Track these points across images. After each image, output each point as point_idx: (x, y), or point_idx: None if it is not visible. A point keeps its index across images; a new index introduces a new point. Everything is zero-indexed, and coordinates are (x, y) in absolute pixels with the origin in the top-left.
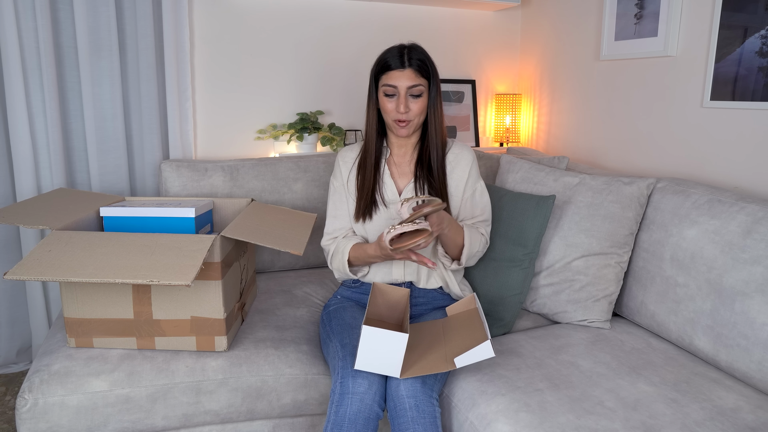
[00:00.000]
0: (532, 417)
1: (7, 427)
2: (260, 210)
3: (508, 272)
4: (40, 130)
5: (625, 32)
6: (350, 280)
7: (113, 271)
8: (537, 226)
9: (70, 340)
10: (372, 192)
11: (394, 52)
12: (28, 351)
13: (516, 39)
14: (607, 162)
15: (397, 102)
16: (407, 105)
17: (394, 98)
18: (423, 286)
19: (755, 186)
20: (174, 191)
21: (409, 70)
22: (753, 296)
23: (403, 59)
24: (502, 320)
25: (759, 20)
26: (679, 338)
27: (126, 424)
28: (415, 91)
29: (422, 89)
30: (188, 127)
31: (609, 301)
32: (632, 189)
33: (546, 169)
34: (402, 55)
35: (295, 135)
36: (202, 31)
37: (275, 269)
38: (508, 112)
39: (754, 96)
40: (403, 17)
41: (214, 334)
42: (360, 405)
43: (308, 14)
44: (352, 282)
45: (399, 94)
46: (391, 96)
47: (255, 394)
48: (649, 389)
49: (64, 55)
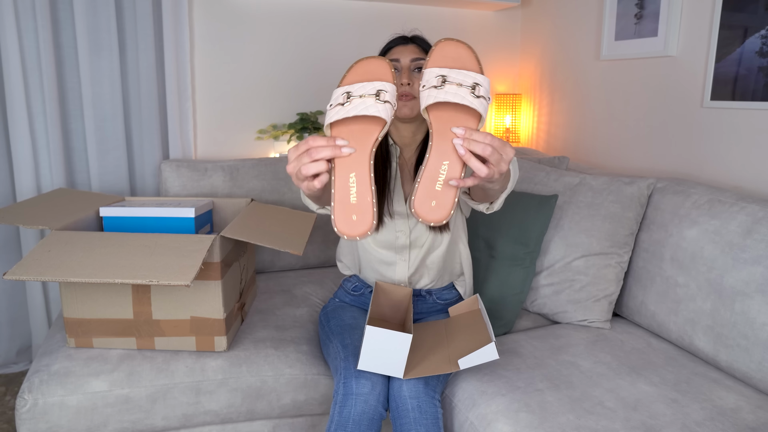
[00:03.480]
0: (532, 417)
1: (7, 427)
2: (260, 210)
3: (509, 271)
4: (40, 130)
5: (625, 32)
6: (351, 286)
7: (113, 271)
8: (539, 226)
9: (70, 341)
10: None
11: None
12: (28, 351)
13: (516, 39)
14: (607, 162)
15: (400, 75)
16: (410, 78)
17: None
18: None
19: (755, 186)
20: (174, 191)
21: (412, 45)
22: (753, 296)
23: (406, 38)
24: (502, 319)
25: (759, 20)
26: (679, 338)
27: (126, 424)
28: (418, 64)
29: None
30: (188, 127)
31: (609, 301)
32: (632, 189)
33: (546, 169)
34: (405, 36)
35: (295, 135)
36: (202, 31)
37: (275, 269)
38: (508, 112)
39: (754, 96)
40: (403, 17)
41: (214, 334)
42: (364, 406)
43: (308, 14)
44: (352, 289)
45: (402, 67)
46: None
47: (255, 395)
48: (649, 389)
49: (64, 55)
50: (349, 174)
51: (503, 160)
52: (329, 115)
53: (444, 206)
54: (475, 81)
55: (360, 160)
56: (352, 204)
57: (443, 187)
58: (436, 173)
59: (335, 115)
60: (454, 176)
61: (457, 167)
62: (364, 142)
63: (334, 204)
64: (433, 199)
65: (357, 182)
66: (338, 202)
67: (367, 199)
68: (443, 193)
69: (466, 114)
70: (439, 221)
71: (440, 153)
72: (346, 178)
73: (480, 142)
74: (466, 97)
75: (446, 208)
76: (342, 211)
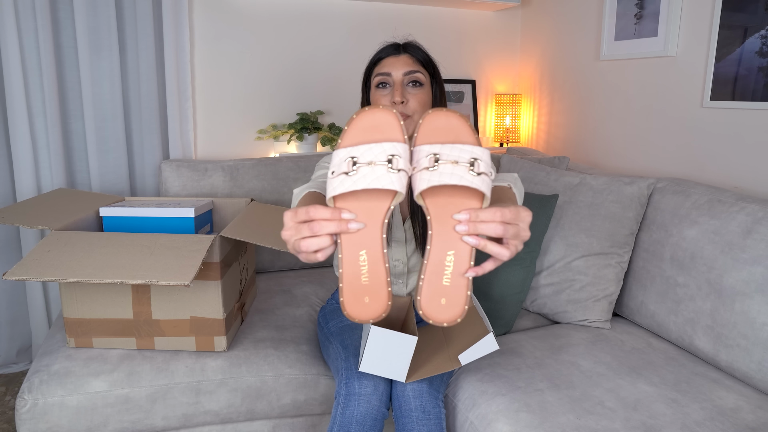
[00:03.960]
0: (532, 417)
1: (7, 427)
2: (260, 210)
3: (509, 270)
4: (40, 130)
5: (625, 32)
6: None
7: (112, 271)
8: (540, 225)
9: (70, 341)
10: None
11: (388, 45)
12: (28, 351)
13: (516, 39)
14: (607, 162)
15: (392, 91)
16: (404, 94)
17: (388, 89)
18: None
19: (755, 186)
20: (174, 191)
21: (404, 55)
22: (753, 296)
23: (398, 47)
24: (502, 319)
25: (759, 20)
26: (679, 338)
27: (126, 424)
28: (413, 77)
29: (422, 78)
30: (188, 127)
31: (609, 301)
32: (633, 189)
33: (547, 169)
34: (397, 45)
35: (295, 135)
36: (202, 31)
37: (275, 269)
38: (508, 112)
39: (754, 96)
40: (403, 17)
41: (214, 335)
42: (367, 407)
43: (308, 14)
44: None
45: (393, 82)
46: (383, 87)
47: (255, 395)
48: (649, 389)
49: (64, 55)
50: (359, 252)
51: (521, 229)
52: (332, 186)
53: (456, 303)
54: (473, 156)
55: (371, 235)
56: (364, 285)
57: (452, 281)
58: (441, 266)
59: (340, 187)
60: (464, 267)
61: (465, 256)
62: (375, 216)
63: (342, 285)
64: (442, 296)
65: (368, 261)
66: (347, 284)
67: (381, 279)
68: (453, 287)
69: (467, 195)
70: (452, 321)
71: (443, 243)
72: (355, 256)
73: (490, 221)
74: (465, 177)
75: (459, 305)
76: (352, 293)
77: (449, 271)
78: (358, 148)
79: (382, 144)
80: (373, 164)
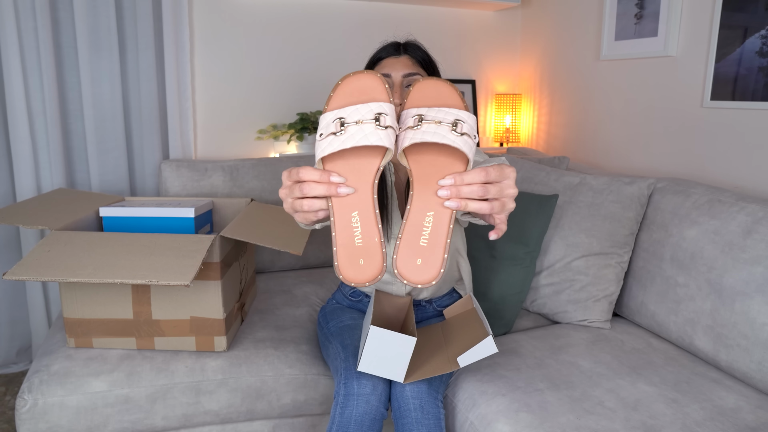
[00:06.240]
0: (532, 417)
1: (7, 427)
2: (260, 210)
3: (509, 271)
4: (40, 130)
5: (625, 32)
6: (349, 290)
7: (112, 271)
8: (539, 225)
9: (70, 341)
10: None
11: (388, 44)
12: (28, 351)
13: (516, 39)
14: (607, 162)
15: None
16: (402, 96)
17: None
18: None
19: (755, 186)
20: (174, 191)
21: (405, 57)
22: (753, 296)
23: (398, 47)
24: (502, 319)
25: (759, 20)
26: (679, 338)
27: (125, 424)
28: (412, 80)
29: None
30: (188, 127)
31: (609, 301)
32: (633, 189)
33: (547, 169)
34: (397, 45)
35: (295, 135)
36: (202, 31)
37: (275, 269)
38: (508, 112)
39: (754, 96)
40: (403, 17)
41: (214, 335)
42: (366, 407)
43: (308, 14)
44: (350, 294)
45: (393, 84)
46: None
47: (255, 395)
48: (649, 389)
49: (64, 55)
50: (350, 213)
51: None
52: (321, 147)
53: (432, 265)
54: (457, 117)
55: (362, 197)
56: (358, 247)
57: (429, 241)
58: (419, 227)
59: (329, 147)
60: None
61: (444, 218)
62: (365, 176)
63: (336, 248)
64: (418, 257)
65: (361, 222)
66: (341, 246)
67: (374, 240)
68: (430, 248)
69: (450, 156)
70: (426, 282)
71: (423, 203)
72: (347, 218)
73: (473, 183)
74: (447, 135)
75: (435, 267)
76: (347, 256)
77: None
78: (345, 110)
79: (368, 104)
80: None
